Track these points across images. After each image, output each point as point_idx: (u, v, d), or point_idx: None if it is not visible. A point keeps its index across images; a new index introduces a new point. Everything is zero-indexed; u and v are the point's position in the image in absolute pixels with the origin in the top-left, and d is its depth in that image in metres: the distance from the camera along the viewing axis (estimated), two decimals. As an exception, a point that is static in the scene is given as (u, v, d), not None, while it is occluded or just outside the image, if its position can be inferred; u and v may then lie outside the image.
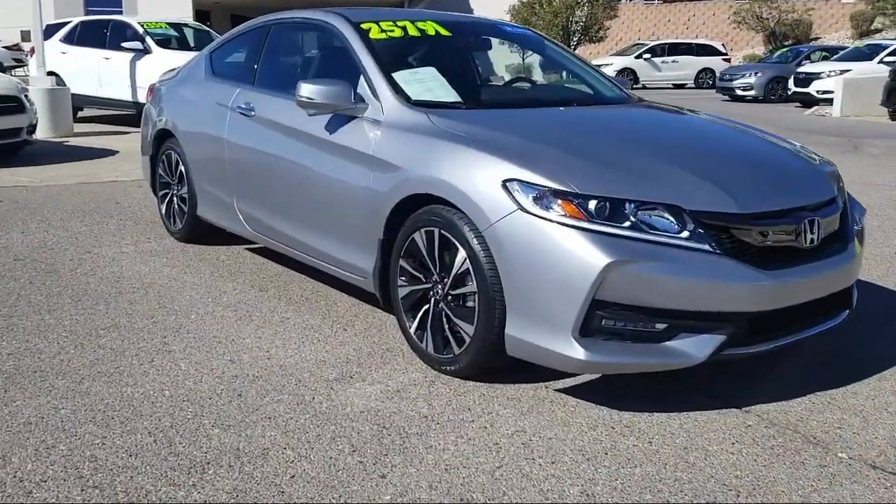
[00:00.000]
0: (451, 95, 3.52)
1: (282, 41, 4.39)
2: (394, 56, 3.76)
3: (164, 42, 11.82)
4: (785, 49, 26.05)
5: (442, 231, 2.94)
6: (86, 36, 12.27)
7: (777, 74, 20.87)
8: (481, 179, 2.79)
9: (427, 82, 3.52)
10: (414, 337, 3.14)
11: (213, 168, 4.51)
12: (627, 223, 2.59)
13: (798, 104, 19.20)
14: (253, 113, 4.11)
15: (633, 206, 2.62)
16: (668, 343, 2.61)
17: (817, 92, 18.19)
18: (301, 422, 2.66)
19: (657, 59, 28.27)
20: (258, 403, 2.80)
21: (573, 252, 2.54)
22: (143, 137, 5.50)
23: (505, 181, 2.72)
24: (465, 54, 4.24)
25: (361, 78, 3.53)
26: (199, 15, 28.17)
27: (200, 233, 5.00)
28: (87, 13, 19.82)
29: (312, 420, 2.67)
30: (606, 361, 2.59)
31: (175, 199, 5.05)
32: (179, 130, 4.83)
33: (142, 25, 11.82)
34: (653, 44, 29.33)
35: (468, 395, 2.88)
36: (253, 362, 3.17)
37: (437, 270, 3.01)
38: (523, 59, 4.46)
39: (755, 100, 20.78)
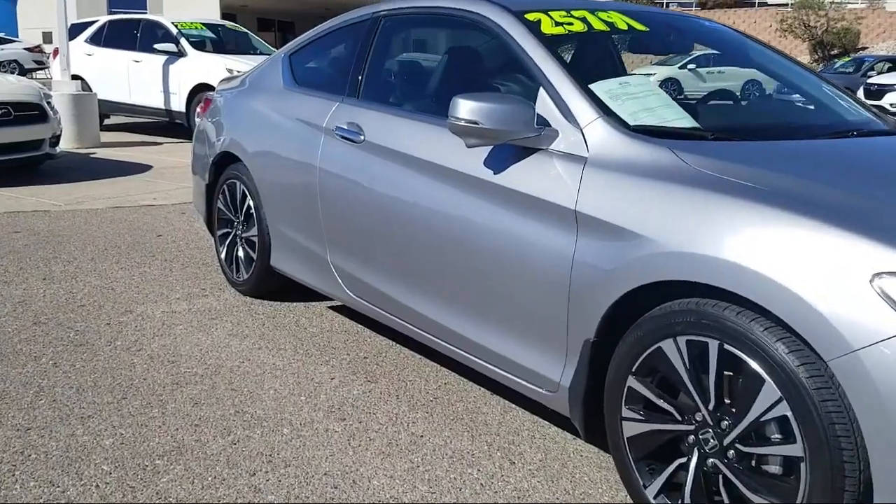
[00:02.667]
0: (683, 118, 2.38)
1: (399, 40, 3.27)
2: (579, 60, 2.63)
3: (198, 44, 10.78)
4: (847, 59, 24.74)
5: (726, 346, 1.80)
6: (114, 36, 11.25)
7: (841, 85, 19.55)
8: (822, 269, 1.64)
9: (643, 98, 2.38)
10: (655, 504, 1.99)
11: (296, 207, 3.39)
12: None
13: (867, 117, 17.92)
14: (362, 137, 2.99)
15: None
16: None
17: (892, 105, 16.91)
18: None
19: (702, 70, 26.97)
20: None
21: None
22: (195, 157, 4.41)
23: (878, 276, 1.58)
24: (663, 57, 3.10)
25: (541, 92, 2.40)
26: (225, 17, 27.21)
27: (272, 286, 3.88)
28: (111, 13, 18.83)
29: None
30: None
31: (239, 241, 3.94)
32: (248, 154, 3.72)
33: (176, 25, 10.78)
34: (697, 53, 28.03)
35: None
36: (398, 533, 2.04)
37: (710, 406, 1.87)
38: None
39: (817, 112, 19.49)
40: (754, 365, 1.74)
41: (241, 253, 3.94)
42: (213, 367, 3.09)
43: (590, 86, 2.39)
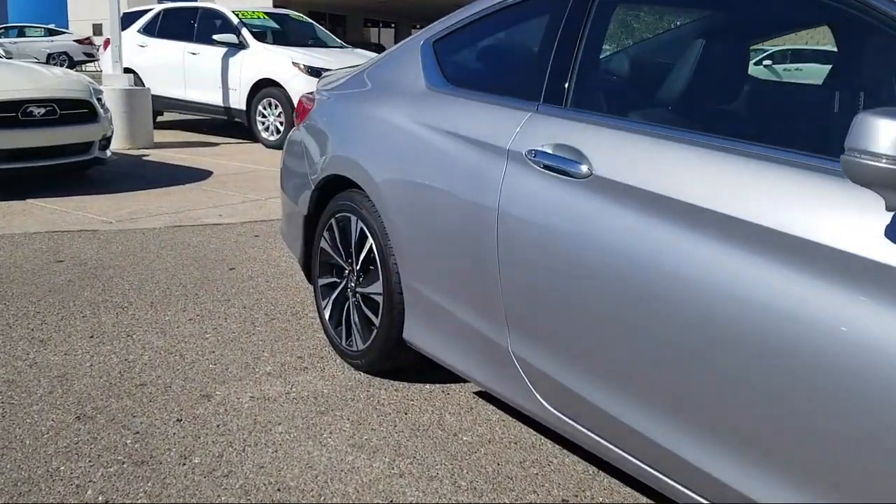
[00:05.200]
0: None
1: (631, 19, 2.15)
2: None
3: (260, 35, 9.80)
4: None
5: None
6: (169, 26, 10.33)
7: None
8: None
9: None
10: None
11: (452, 262, 2.32)
12: None
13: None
14: (584, 169, 1.89)
15: None
16: None
17: None
18: None
19: (778, 66, 25.43)
20: None
21: None
22: (287, 176, 3.38)
23: None
24: None
25: None
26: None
27: (400, 363, 2.82)
28: (163, 1, 18.04)
29: None
30: None
31: (352, 297, 2.88)
32: (372, 181, 2.65)
33: (237, 15, 9.82)
34: (773, 49, 26.50)
35: None
36: None
37: None
38: None
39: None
40: None
41: (353, 314, 2.88)
42: (342, 514, 2.02)
43: None
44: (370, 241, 2.73)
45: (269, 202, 6.01)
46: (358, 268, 2.84)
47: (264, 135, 9.37)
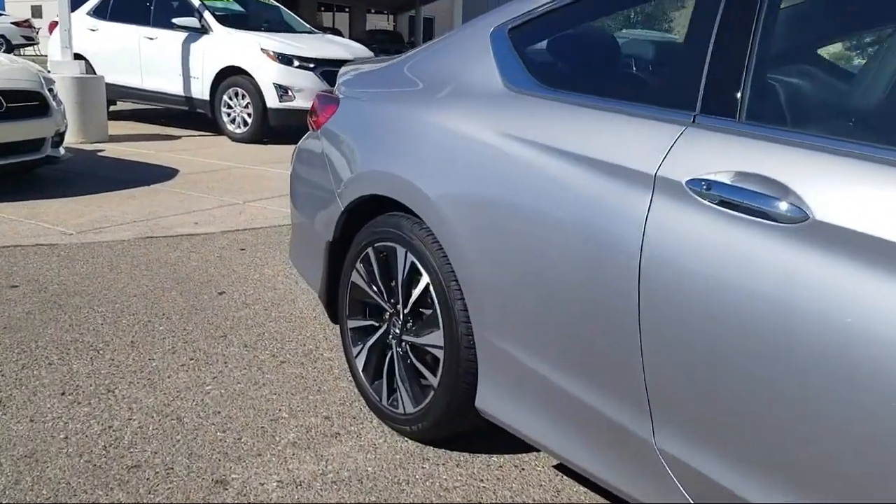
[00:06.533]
0: None
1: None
2: None
3: (222, 18, 9.05)
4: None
5: None
6: (123, 8, 9.50)
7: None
8: None
9: None
10: None
11: (561, 321, 1.77)
12: None
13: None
14: (792, 209, 1.35)
15: None
16: None
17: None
18: None
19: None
20: None
21: None
22: (299, 186, 2.80)
23: None
24: None
25: None
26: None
27: (459, 429, 2.27)
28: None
29: None
30: None
31: (398, 347, 2.31)
32: (436, 207, 2.08)
33: (198, -4, 9.05)
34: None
35: None
36: None
37: None
38: None
39: None
40: None
41: (401, 368, 2.31)
42: None
43: None
44: (425, 279, 2.17)
45: (248, 206, 5.37)
46: (407, 311, 2.27)
47: (230, 127, 8.67)
